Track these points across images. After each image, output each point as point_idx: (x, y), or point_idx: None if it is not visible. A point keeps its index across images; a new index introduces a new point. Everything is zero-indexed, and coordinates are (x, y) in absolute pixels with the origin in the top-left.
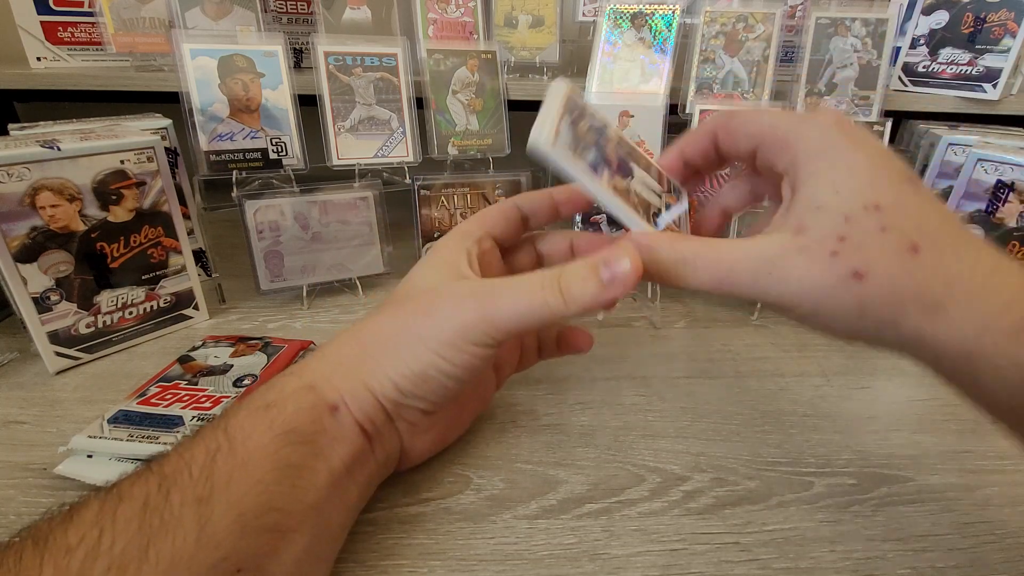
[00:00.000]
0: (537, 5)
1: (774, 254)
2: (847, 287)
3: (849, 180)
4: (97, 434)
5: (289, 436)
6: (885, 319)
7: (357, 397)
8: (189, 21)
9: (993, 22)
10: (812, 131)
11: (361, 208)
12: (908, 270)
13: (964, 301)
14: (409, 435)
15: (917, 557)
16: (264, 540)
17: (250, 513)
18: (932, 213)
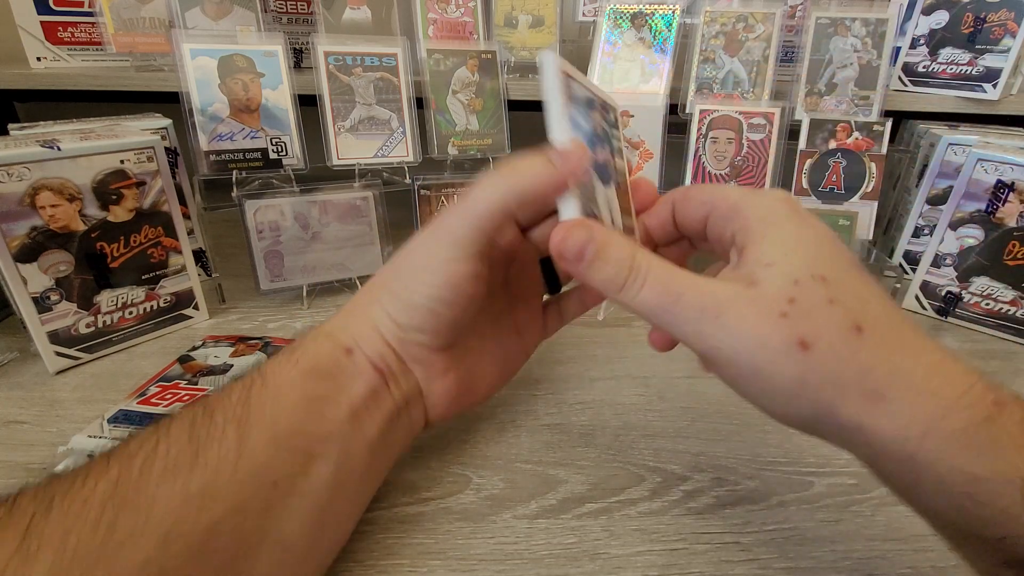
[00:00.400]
0: (537, 5)
1: (725, 298)
2: (790, 355)
3: (797, 248)
4: (97, 434)
5: (312, 372)
6: (824, 401)
7: (367, 338)
8: (189, 21)
9: (993, 22)
10: (762, 201)
11: (361, 208)
12: (853, 349)
13: (906, 396)
14: (424, 377)
15: (917, 557)
16: (295, 460)
17: (282, 434)
18: (874, 299)
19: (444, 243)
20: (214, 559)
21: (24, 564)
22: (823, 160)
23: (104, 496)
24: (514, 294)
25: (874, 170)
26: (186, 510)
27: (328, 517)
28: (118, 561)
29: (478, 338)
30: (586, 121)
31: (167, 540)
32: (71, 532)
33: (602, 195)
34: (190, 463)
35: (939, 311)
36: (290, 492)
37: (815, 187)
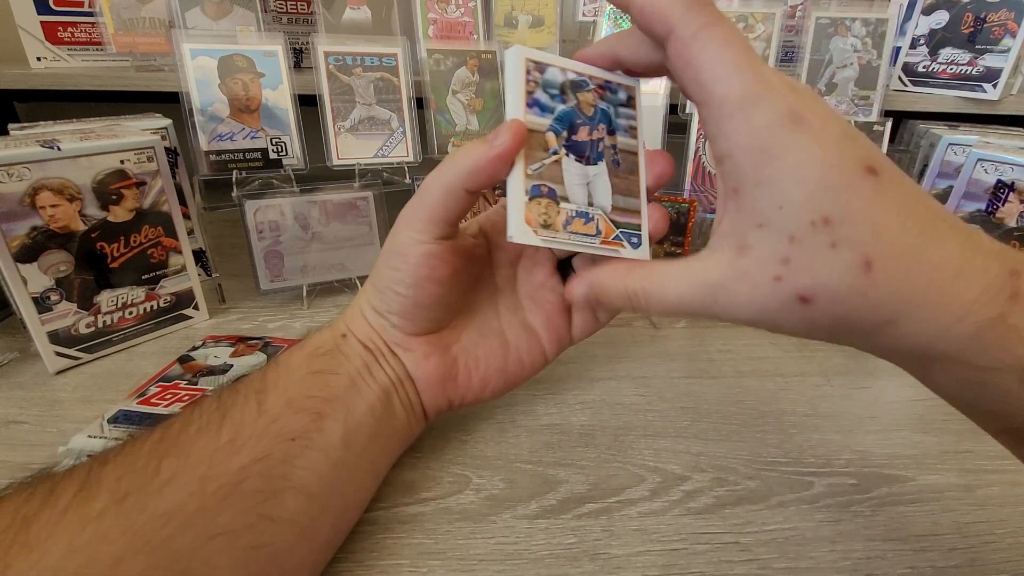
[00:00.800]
0: (537, 5)
1: (715, 281)
2: (793, 310)
3: (796, 190)
4: (97, 434)
5: (315, 353)
6: (834, 335)
7: (356, 323)
8: (189, 21)
9: (993, 22)
10: (758, 124)
11: (361, 208)
12: (859, 290)
13: (919, 314)
14: (408, 360)
15: (917, 557)
16: (308, 418)
17: (295, 398)
18: (892, 215)
19: (402, 228)
20: (245, 499)
21: (84, 503)
22: None
23: (149, 449)
24: (524, 292)
25: None
26: (218, 456)
27: (342, 473)
28: (164, 497)
29: (467, 328)
30: (558, 102)
31: (204, 480)
32: (123, 477)
33: (576, 174)
34: (219, 422)
35: None
36: (307, 446)
37: None
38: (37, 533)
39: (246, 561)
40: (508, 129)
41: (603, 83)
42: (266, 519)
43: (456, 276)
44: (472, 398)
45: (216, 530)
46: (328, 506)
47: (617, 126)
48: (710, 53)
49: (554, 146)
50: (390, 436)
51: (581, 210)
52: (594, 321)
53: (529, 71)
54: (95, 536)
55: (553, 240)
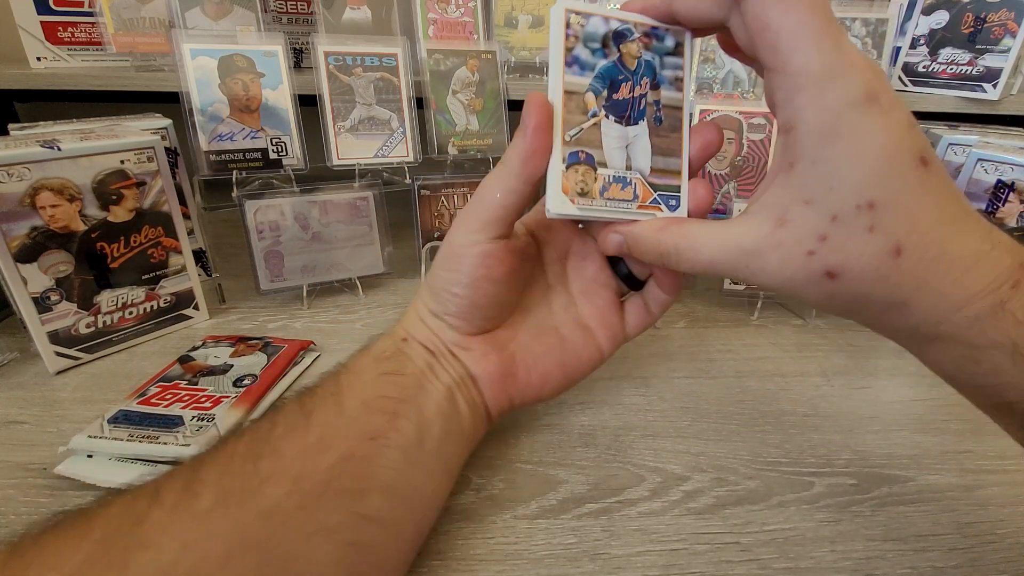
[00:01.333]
0: (537, 5)
1: (750, 247)
2: (817, 283)
3: (850, 173)
4: (97, 434)
5: (380, 357)
6: (850, 309)
7: (415, 326)
8: (189, 21)
9: (993, 22)
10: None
11: (361, 208)
12: (883, 274)
13: (930, 301)
14: (468, 359)
15: (917, 557)
16: (383, 418)
17: (370, 399)
18: (931, 207)
19: (459, 231)
20: (338, 497)
21: (191, 501)
22: None
23: (244, 450)
24: (576, 288)
25: None
26: (308, 456)
27: (419, 471)
28: (265, 495)
29: (522, 327)
30: (599, 57)
31: (299, 478)
32: (224, 475)
33: (615, 137)
34: (304, 424)
35: None
36: (386, 445)
37: None
38: (149, 531)
39: (344, 557)
40: (530, 103)
41: (649, 30)
42: (359, 516)
43: (512, 275)
44: (533, 395)
45: (315, 527)
46: (411, 505)
47: (662, 79)
48: (794, 19)
49: (593, 107)
50: (458, 435)
51: (618, 175)
52: (646, 314)
53: (570, 24)
54: (205, 534)
55: (589, 208)
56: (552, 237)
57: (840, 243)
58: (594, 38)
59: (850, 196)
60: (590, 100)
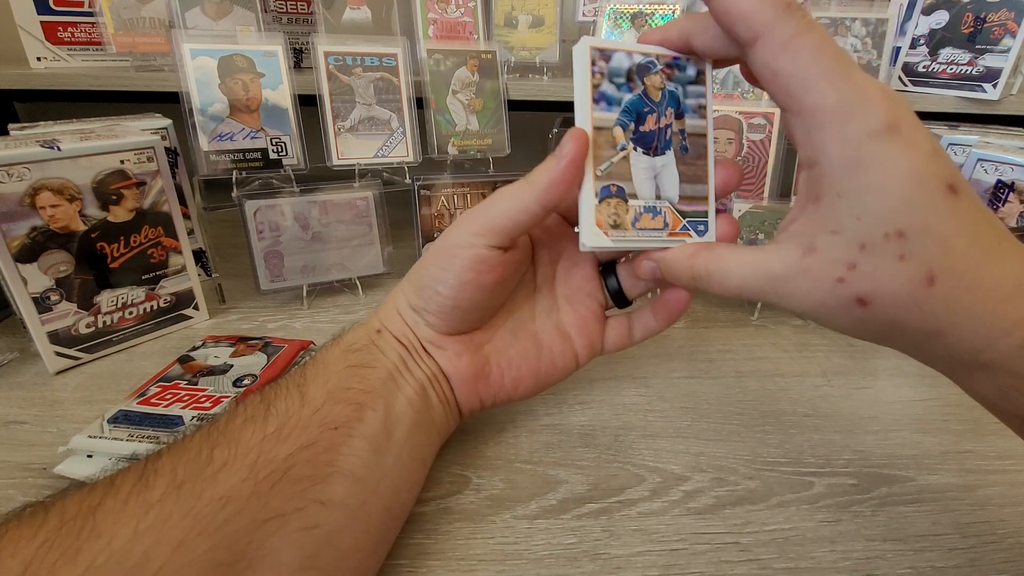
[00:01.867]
0: (537, 5)
1: (779, 273)
2: (848, 310)
3: (877, 203)
4: (97, 434)
5: (351, 349)
6: (884, 336)
7: (391, 319)
8: (189, 21)
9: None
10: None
11: (361, 208)
12: (917, 301)
13: (969, 328)
14: (440, 357)
15: (917, 557)
16: (349, 408)
17: (335, 390)
18: (963, 234)
19: (460, 229)
20: (295, 484)
21: (144, 490)
22: None
23: (200, 440)
24: (562, 293)
25: None
26: (266, 444)
27: (386, 458)
28: (218, 483)
29: (501, 328)
30: (625, 91)
31: (255, 467)
32: (179, 465)
33: (644, 168)
34: (264, 413)
35: None
36: (350, 434)
37: None
38: (103, 519)
39: (299, 542)
40: (571, 137)
41: (671, 61)
42: (316, 502)
43: (501, 284)
44: (504, 397)
45: (269, 513)
46: (377, 489)
47: (685, 108)
48: (802, 63)
49: (622, 141)
50: (430, 427)
51: (649, 205)
52: (627, 336)
53: (595, 61)
54: (158, 520)
55: (623, 240)
56: (548, 239)
57: (870, 271)
58: (619, 73)
59: (878, 225)
60: (619, 134)
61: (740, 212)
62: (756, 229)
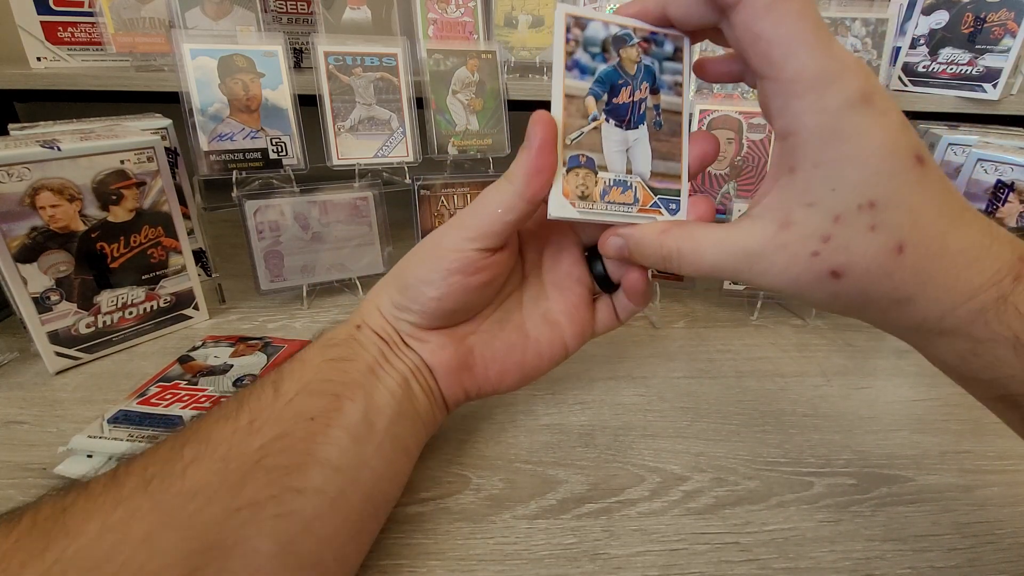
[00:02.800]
0: (537, 5)
1: (754, 250)
2: (822, 283)
3: (851, 174)
4: (97, 434)
5: (329, 344)
6: (854, 307)
7: (371, 314)
8: (189, 21)
9: (993, 22)
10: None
11: (361, 208)
12: (888, 271)
13: (934, 295)
14: (423, 350)
15: (917, 557)
16: (326, 400)
17: (311, 382)
18: (930, 203)
19: (451, 231)
20: (268, 473)
21: (115, 489)
22: None
23: (171, 441)
24: (549, 280)
25: None
26: (237, 437)
27: (367, 448)
28: (188, 477)
29: (487, 320)
30: (599, 61)
31: (226, 459)
32: (149, 463)
33: (616, 141)
34: (236, 409)
35: None
36: (328, 424)
37: None
38: (72, 519)
39: (275, 530)
40: (535, 121)
41: (648, 35)
42: (291, 490)
43: (488, 285)
44: (490, 389)
45: (241, 502)
46: (357, 478)
47: (661, 83)
48: (785, 28)
49: (593, 111)
50: (414, 418)
51: (619, 178)
52: (615, 318)
53: (569, 28)
54: (125, 514)
55: (590, 211)
56: (533, 226)
57: (844, 243)
58: (594, 42)
59: (852, 196)
60: (591, 104)
61: (740, 212)
62: None
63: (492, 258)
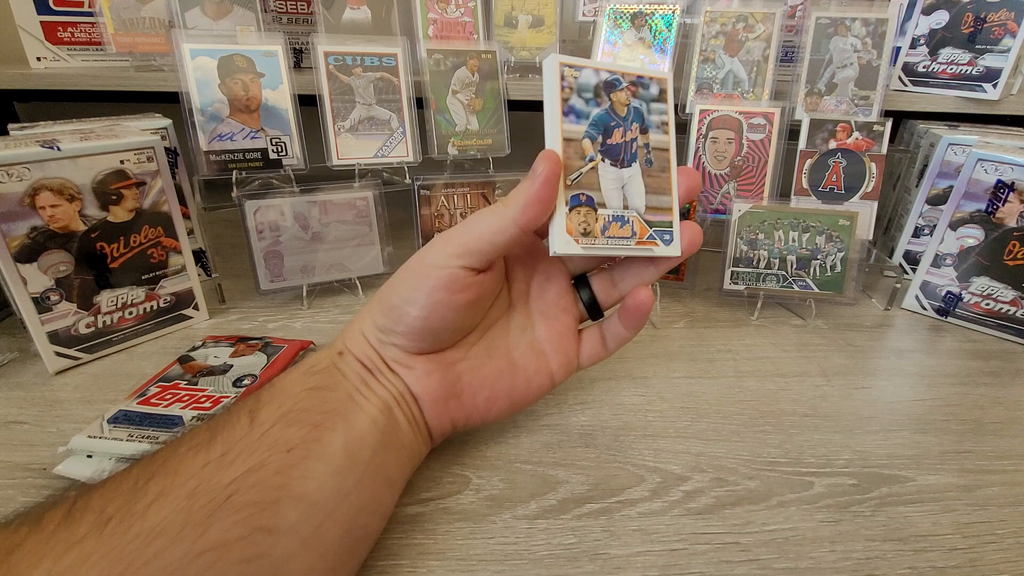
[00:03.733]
0: (537, 5)
1: None
2: None
3: None
4: (97, 434)
5: (311, 371)
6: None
7: (354, 341)
8: (189, 21)
9: (993, 22)
10: None
11: (361, 208)
12: None
13: None
14: (408, 377)
15: (917, 557)
16: (304, 430)
17: (289, 412)
18: None
19: (436, 249)
20: (238, 512)
21: (68, 528)
22: (823, 160)
23: (137, 472)
24: (537, 309)
25: (874, 170)
26: (207, 471)
27: (347, 480)
28: (148, 517)
29: (474, 347)
30: (592, 106)
31: (192, 496)
32: (110, 501)
33: (612, 179)
34: (208, 441)
35: (939, 311)
36: (306, 455)
37: (815, 187)
38: (20, 560)
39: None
40: (543, 158)
41: (635, 79)
42: (261, 530)
43: (473, 305)
44: (478, 418)
45: (205, 545)
46: (335, 513)
47: (649, 124)
48: None
49: (590, 152)
50: (399, 449)
51: (617, 214)
52: (602, 348)
53: (564, 76)
54: (76, 560)
55: (593, 247)
56: (522, 254)
57: None
58: (587, 88)
59: None
60: (587, 146)
61: (740, 212)
62: (756, 229)
63: (476, 277)
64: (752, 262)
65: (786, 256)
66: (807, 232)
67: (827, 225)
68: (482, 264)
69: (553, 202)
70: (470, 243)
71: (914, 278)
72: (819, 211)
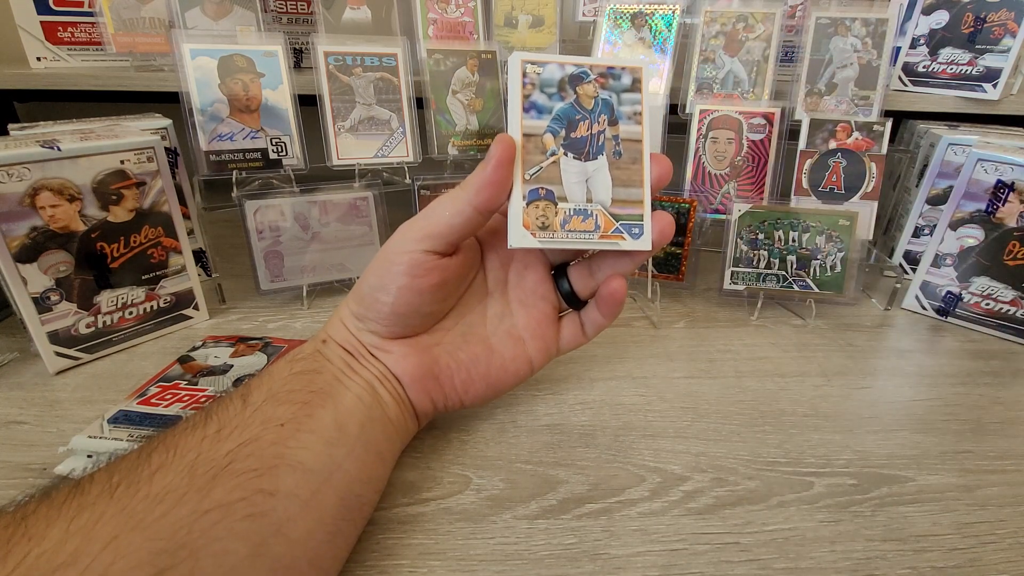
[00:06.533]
0: (537, 5)
1: None
2: None
3: None
4: (97, 434)
5: (296, 359)
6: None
7: (336, 328)
8: (189, 21)
9: (993, 22)
10: None
11: (361, 208)
12: None
13: None
14: (387, 360)
15: (917, 557)
16: (295, 407)
17: (279, 393)
18: None
19: (397, 237)
20: (237, 476)
21: (79, 495)
22: (823, 160)
23: (139, 450)
24: (515, 297)
25: (874, 170)
26: (205, 444)
27: (339, 450)
28: (155, 482)
29: (450, 332)
30: (556, 100)
31: (194, 464)
32: (114, 472)
33: (574, 173)
34: (204, 419)
35: (939, 311)
36: (298, 428)
37: (815, 187)
38: (34, 524)
39: (246, 531)
40: (496, 142)
41: (605, 70)
42: (262, 492)
43: (439, 288)
44: (456, 400)
45: (210, 504)
46: (330, 479)
47: (619, 115)
48: None
49: (552, 147)
50: (386, 423)
51: (579, 208)
52: (581, 334)
53: (526, 73)
54: (90, 519)
55: (551, 240)
56: (497, 243)
57: None
58: (550, 84)
59: None
60: (548, 140)
61: (740, 212)
62: (756, 229)
63: (440, 261)
64: (752, 262)
65: (786, 256)
66: (807, 232)
67: (827, 225)
68: (444, 247)
69: (508, 185)
70: (429, 227)
71: (914, 278)
72: (819, 211)
